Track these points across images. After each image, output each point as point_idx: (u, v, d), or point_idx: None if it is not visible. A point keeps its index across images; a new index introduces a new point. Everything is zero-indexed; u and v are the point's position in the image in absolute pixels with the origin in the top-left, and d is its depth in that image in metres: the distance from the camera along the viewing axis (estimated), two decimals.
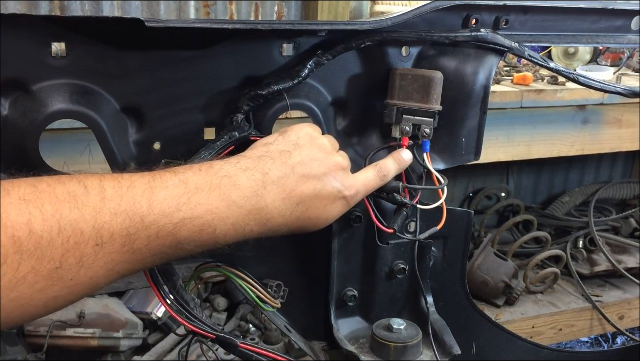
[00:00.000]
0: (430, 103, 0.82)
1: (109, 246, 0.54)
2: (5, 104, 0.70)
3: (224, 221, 0.61)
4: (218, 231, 0.61)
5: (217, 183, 0.62)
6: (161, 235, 0.57)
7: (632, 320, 2.03)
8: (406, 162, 0.81)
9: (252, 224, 0.64)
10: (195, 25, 0.72)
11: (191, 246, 0.60)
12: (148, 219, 0.56)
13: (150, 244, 0.57)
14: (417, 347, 0.85)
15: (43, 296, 0.52)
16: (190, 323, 0.68)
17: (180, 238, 0.58)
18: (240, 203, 0.62)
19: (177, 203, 0.58)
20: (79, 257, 0.53)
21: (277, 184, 0.65)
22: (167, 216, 0.57)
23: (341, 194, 0.70)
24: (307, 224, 0.69)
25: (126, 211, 0.55)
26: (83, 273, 0.53)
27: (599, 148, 1.93)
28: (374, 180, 0.76)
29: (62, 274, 0.52)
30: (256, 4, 2.33)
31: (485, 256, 1.91)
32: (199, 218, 0.59)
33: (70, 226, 0.52)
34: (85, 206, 0.53)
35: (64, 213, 0.52)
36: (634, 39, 0.98)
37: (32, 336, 1.60)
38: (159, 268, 0.69)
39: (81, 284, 0.54)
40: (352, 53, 0.84)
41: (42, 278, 0.51)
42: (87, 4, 2.09)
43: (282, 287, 0.83)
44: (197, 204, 0.59)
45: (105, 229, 0.54)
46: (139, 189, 0.57)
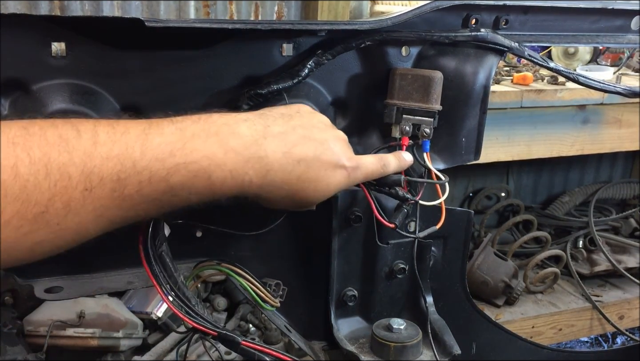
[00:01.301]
0: (430, 103, 0.82)
1: (98, 191, 0.53)
2: (5, 104, 0.70)
3: (220, 168, 0.59)
4: (214, 178, 0.59)
5: (215, 130, 0.60)
6: (153, 181, 0.56)
7: (632, 320, 2.03)
8: (406, 161, 0.81)
9: (251, 174, 0.62)
10: (195, 25, 0.72)
11: (185, 192, 0.58)
12: (140, 164, 0.55)
13: (142, 190, 0.56)
14: (417, 347, 0.85)
15: (28, 240, 0.51)
16: (192, 320, 0.68)
17: (173, 184, 0.57)
18: (238, 150, 0.61)
19: (171, 149, 0.57)
20: (66, 201, 0.52)
21: (279, 138, 0.64)
22: (160, 161, 0.56)
23: (342, 162, 0.69)
24: (308, 189, 0.67)
25: (118, 156, 0.54)
26: (70, 218, 0.53)
27: (599, 148, 1.93)
28: (375, 164, 0.75)
29: (48, 218, 0.51)
30: (256, 4, 2.33)
31: (485, 256, 1.91)
32: (193, 163, 0.58)
33: (58, 170, 0.51)
34: (75, 150, 0.52)
35: (53, 156, 0.51)
36: (634, 39, 0.98)
37: (32, 336, 1.60)
38: (160, 264, 0.68)
39: (68, 229, 0.53)
40: (352, 53, 0.84)
41: (28, 222, 0.50)
42: (87, 4, 2.09)
43: (281, 286, 0.83)
44: (192, 149, 0.58)
45: (95, 173, 0.53)
46: (133, 135, 0.56)
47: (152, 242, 0.69)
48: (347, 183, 0.71)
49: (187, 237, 0.82)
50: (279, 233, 0.88)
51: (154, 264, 0.69)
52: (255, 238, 0.87)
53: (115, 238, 0.60)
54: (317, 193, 0.68)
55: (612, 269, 2.04)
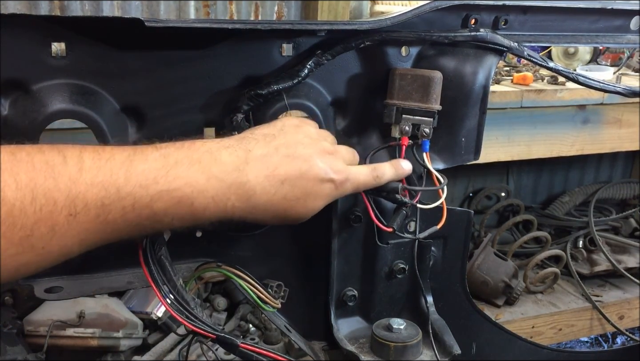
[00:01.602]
0: (430, 103, 0.82)
1: (82, 216, 0.54)
2: (5, 104, 0.70)
3: (203, 194, 0.60)
4: (197, 204, 0.60)
5: (197, 157, 0.61)
6: (137, 207, 0.57)
7: (632, 320, 2.03)
8: (404, 170, 0.80)
9: (233, 199, 0.62)
10: (195, 25, 0.72)
11: (168, 218, 0.59)
12: (124, 191, 0.56)
13: (126, 215, 0.57)
14: (417, 347, 0.85)
15: (14, 261, 0.52)
16: (191, 323, 0.68)
17: (156, 210, 0.58)
18: (220, 177, 0.62)
19: (154, 176, 0.58)
20: (51, 226, 0.53)
21: (260, 162, 0.65)
22: (143, 187, 0.57)
23: (328, 176, 0.68)
24: (296, 206, 0.67)
25: (102, 182, 0.55)
26: (55, 241, 0.54)
27: (599, 148, 1.93)
28: (366, 176, 0.74)
29: (33, 242, 0.53)
30: (256, 4, 2.33)
31: (485, 256, 1.91)
32: (176, 190, 0.59)
33: (44, 195, 0.52)
34: (61, 176, 0.54)
35: (39, 182, 0.52)
36: (633, 39, 0.98)
37: (32, 336, 1.60)
38: (159, 267, 0.69)
39: (53, 252, 0.54)
40: (352, 53, 0.84)
41: (13, 245, 0.52)
42: (87, 4, 2.09)
43: (282, 287, 0.83)
44: (175, 177, 0.59)
45: (80, 199, 0.54)
46: (117, 162, 0.57)
47: (151, 246, 0.69)
48: (336, 194, 0.71)
49: (187, 237, 0.82)
50: (279, 233, 0.88)
51: (153, 267, 0.69)
52: (255, 238, 0.87)
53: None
54: (307, 209, 0.68)
55: (612, 269, 2.04)
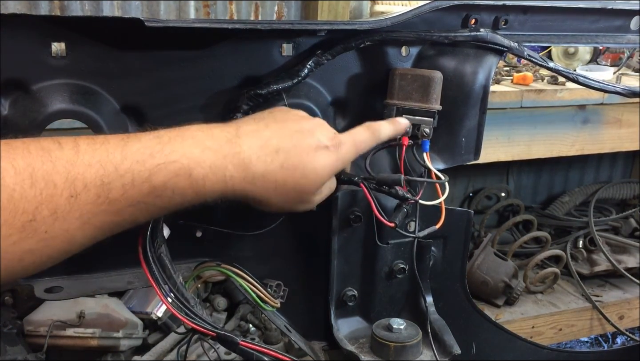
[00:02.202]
0: (430, 103, 0.82)
1: (83, 197, 0.54)
2: (5, 104, 0.70)
3: (200, 165, 0.61)
4: (195, 175, 0.60)
5: (190, 134, 0.62)
6: (136, 183, 0.57)
7: (632, 320, 2.03)
8: (401, 125, 0.80)
9: (230, 168, 0.63)
10: (195, 25, 0.72)
11: (169, 192, 0.59)
12: (122, 167, 0.56)
13: (127, 193, 0.57)
14: (417, 347, 0.85)
15: (17, 249, 0.52)
16: (191, 321, 0.68)
17: (156, 184, 0.58)
18: (214, 148, 0.62)
19: (150, 151, 0.58)
20: (53, 209, 0.53)
21: (251, 134, 0.65)
22: (140, 163, 0.57)
23: (322, 143, 0.68)
24: (296, 176, 0.66)
25: (100, 162, 0.56)
26: (58, 225, 0.54)
27: (599, 148, 1.93)
28: (363, 133, 0.74)
29: (36, 226, 0.52)
30: (256, 4, 2.33)
31: (485, 256, 1.91)
32: (173, 162, 0.59)
33: (43, 178, 0.53)
34: (58, 160, 0.54)
35: (37, 166, 0.53)
36: (633, 39, 0.98)
37: (32, 336, 1.60)
38: (159, 265, 0.69)
39: (56, 237, 0.54)
40: (352, 53, 0.84)
41: (16, 230, 0.52)
42: (87, 4, 2.09)
43: (282, 287, 0.83)
44: (171, 150, 0.60)
45: (79, 180, 0.54)
46: (112, 144, 0.58)
47: (151, 244, 0.69)
48: (336, 160, 0.70)
49: (187, 237, 0.82)
50: (279, 233, 0.88)
51: (153, 266, 0.69)
52: (255, 238, 0.87)
53: (115, 238, 0.60)
54: (308, 180, 0.68)
55: (612, 269, 2.04)
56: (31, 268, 0.55)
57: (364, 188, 0.79)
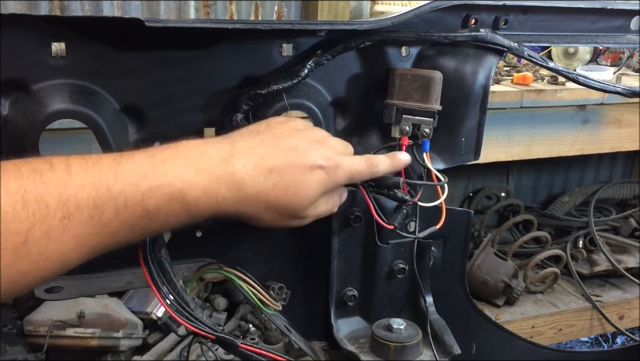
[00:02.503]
0: (430, 103, 0.82)
1: (76, 219, 0.54)
2: (5, 104, 0.70)
3: (193, 188, 0.60)
4: (188, 198, 0.60)
5: (184, 153, 0.62)
6: (130, 205, 0.57)
7: (632, 320, 2.03)
8: (401, 162, 0.80)
9: (223, 191, 0.62)
10: (195, 25, 0.72)
11: (162, 216, 0.59)
12: (115, 189, 0.56)
13: (120, 215, 0.56)
14: (417, 347, 0.85)
15: (11, 271, 0.52)
16: (190, 324, 0.68)
17: (149, 207, 0.58)
18: (208, 169, 0.62)
19: (144, 173, 0.58)
20: (45, 230, 0.52)
21: (246, 153, 0.65)
22: (134, 185, 0.57)
23: (317, 163, 0.68)
24: (288, 195, 0.66)
25: (92, 183, 0.55)
26: (51, 247, 0.53)
27: (599, 148, 1.93)
28: (360, 164, 0.73)
29: (29, 248, 0.52)
30: (256, 4, 2.33)
31: (485, 256, 1.91)
32: (167, 185, 0.59)
33: (35, 199, 0.52)
34: (50, 181, 0.53)
35: (29, 187, 0.52)
36: (633, 39, 0.98)
37: (32, 336, 1.60)
38: (159, 268, 0.69)
39: (50, 259, 0.54)
40: (352, 53, 0.84)
41: (9, 252, 0.51)
42: (87, 4, 2.09)
43: (284, 289, 0.83)
44: (164, 172, 0.59)
45: (72, 201, 0.54)
46: (105, 164, 0.57)
47: (151, 247, 0.69)
48: (328, 182, 0.70)
49: (187, 237, 0.82)
50: (279, 233, 0.88)
51: (153, 269, 0.69)
52: (256, 238, 0.87)
53: None
54: (300, 198, 0.67)
55: (612, 269, 2.04)
56: (24, 289, 0.55)
57: (362, 190, 0.79)
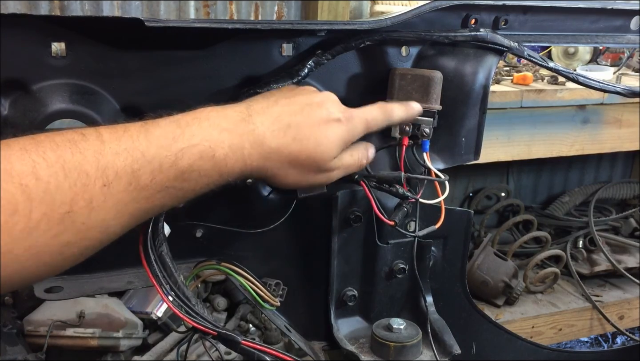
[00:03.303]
0: (430, 103, 0.82)
1: (116, 185, 0.55)
2: (5, 104, 0.70)
3: (220, 146, 0.62)
4: (217, 156, 0.62)
5: (205, 116, 0.64)
6: (164, 168, 0.58)
7: (632, 320, 2.03)
8: (414, 110, 0.80)
9: (248, 147, 0.64)
10: (195, 25, 0.72)
11: (195, 175, 0.61)
12: (149, 154, 0.57)
13: (155, 178, 0.58)
14: (417, 347, 0.85)
15: (57, 242, 0.53)
16: (192, 320, 0.68)
17: (182, 168, 0.60)
18: (230, 128, 0.64)
19: (172, 136, 0.60)
20: (88, 199, 0.54)
21: (262, 112, 0.67)
22: (165, 148, 0.59)
23: (333, 116, 0.70)
24: (308, 147, 0.68)
25: (127, 150, 0.56)
26: (94, 215, 0.54)
27: (599, 148, 1.93)
28: (375, 111, 0.76)
29: (74, 218, 0.53)
30: (256, 4, 2.33)
31: (485, 256, 1.91)
32: (195, 145, 0.61)
33: (75, 169, 0.53)
34: (86, 150, 0.55)
35: (67, 157, 0.53)
36: (633, 39, 0.98)
37: (32, 336, 1.60)
38: (160, 264, 0.69)
39: (93, 228, 0.55)
40: (352, 53, 0.84)
41: (55, 223, 0.52)
42: (87, 4, 2.09)
43: (281, 286, 0.83)
44: (191, 135, 0.61)
45: (110, 168, 0.55)
46: (134, 131, 0.59)
47: (152, 242, 0.69)
48: (347, 132, 0.72)
49: (187, 237, 0.82)
50: (279, 233, 0.88)
51: (154, 264, 0.69)
52: (256, 238, 0.87)
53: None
54: (321, 148, 0.69)
55: (612, 269, 2.04)
56: (70, 261, 0.56)
57: (364, 186, 0.79)
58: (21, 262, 0.51)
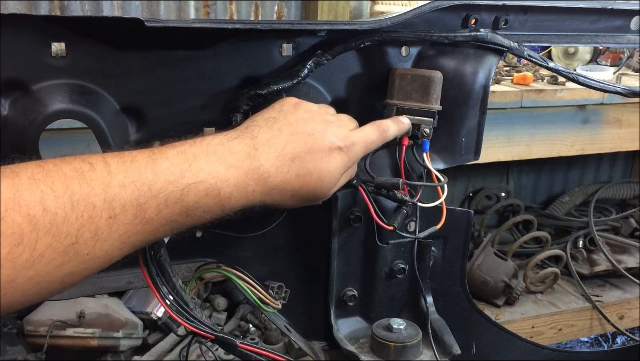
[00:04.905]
0: (430, 103, 0.82)
1: (122, 218, 0.55)
2: (5, 104, 0.70)
3: (226, 183, 0.63)
4: (222, 193, 0.62)
5: (212, 150, 0.64)
6: (170, 203, 0.59)
7: (632, 320, 2.03)
8: (404, 125, 0.81)
9: (252, 184, 0.65)
10: (195, 25, 0.72)
11: (199, 212, 0.61)
12: (155, 188, 0.58)
13: (161, 213, 0.58)
14: (417, 347, 0.85)
15: (59, 272, 0.53)
16: (190, 324, 0.68)
17: (188, 204, 0.60)
18: (237, 165, 0.64)
19: (180, 170, 0.60)
20: (94, 231, 0.54)
21: (267, 145, 0.67)
22: (172, 183, 0.59)
23: (335, 145, 0.71)
24: (311, 182, 0.69)
25: (134, 182, 0.57)
26: (99, 246, 0.54)
27: (599, 148, 1.93)
28: (373, 133, 0.76)
29: (78, 249, 0.53)
30: (256, 4, 2.33)
31: (485, 256, 1.91)
32: (202, 182, 0.61)
33: (83, 200, 0.53)
34: (94, 181, 0.55)
35: (75, 188, 0.53)
36: (633, 39, 0.98)
37: (32, 336, 1.60)
38: (158, 269, 0.69)
39: (97, 258, 0.55)
40: (352, 53, 0.84)
41: (59, 254, 0.52)
42: (87, 4, 2.09)
43: (283, 288, 0.83)
44: (198, 170, 0.61)
45: (117, 201, 0.55)
46: (142, 162, 0.59)
47: (150, 247, 0.69)
48: (348, 160, 0.72)
49: (187, 238, 0.82)
50: (279, 234, 0.88)
51: (153, 269, 0.69)
52: (256, 239, 0.87)
53: None
54: (323, 182, 0.70)
55: (612, 269, 2.04)
56: (68, 286, 0.56)
57: (362, 192, 0.79)
58: (23, 291, 0.51)
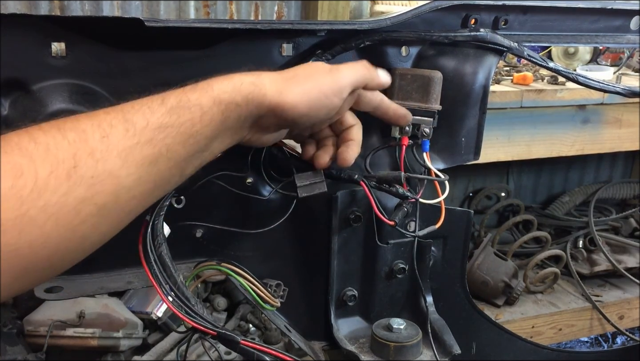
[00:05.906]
0: (430, 103, 0.82)
1: (114, 134, 0.57)
2: (5, 104, 0.70)
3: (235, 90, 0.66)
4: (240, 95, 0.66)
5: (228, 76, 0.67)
6: (154, 108, 0.60)
7: (632, 320, 2.03)
8: (387, 79, 0.80)
9: (266, 82, 0.67)
10: (195, 25, 0.72)
11: (185, 110, 0.62)
12: (136, 105, 0.60)
13: (149, 120, 0.59)
14: (417, 347, 0.85)
15: (70, 199, 0.53)
16: (191, 319, 0.68)
17: (171, 105, 0.61)
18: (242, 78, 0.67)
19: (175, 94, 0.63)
20: (90, 151, 0.55)
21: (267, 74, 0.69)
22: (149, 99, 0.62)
23: (326, 68, 0.72)
24: (319, 80, 0.70)
25: (115, 109, 0.59)
26: (101, 166, 0.55)
27: (599, 148, 1.93)
28: (360, 66, 0.75)
29: (81, 172, 0.54)
30: (256, 4, 2.33)
31: (485, 256, 1.91)
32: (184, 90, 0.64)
33: (72, 129, 0.55)
34: (79, 116, 0.58)
35: (61, 123, 0.56)
36: (633, 39, 0.98)
37: (32, 336, 1.60)
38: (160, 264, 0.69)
39: (103, 180, 0.55)
40: (352, 53, 0.83)
41: (63, 179, 0.53)
42: (87, 4, 2.09)
43: (281, 286, 0.83)
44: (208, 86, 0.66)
45: (104, 121, 0.57)
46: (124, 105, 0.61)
47: (151, 242, 0.69)
48: (335, 83, 0.71)
49: (186, 237, 0.82)
50: (279, 233, 0.88)
51: (154, 264, 0.69)
52: (256, 238, 0.87)
53: (115, 238, 0.60)
54: (330, 78, 0.71)
55: (612, 269, 2.04)
56: (89, 223, 0.55)
57: (364, 186, 0.79)
58: (39, 225, 0.51)
